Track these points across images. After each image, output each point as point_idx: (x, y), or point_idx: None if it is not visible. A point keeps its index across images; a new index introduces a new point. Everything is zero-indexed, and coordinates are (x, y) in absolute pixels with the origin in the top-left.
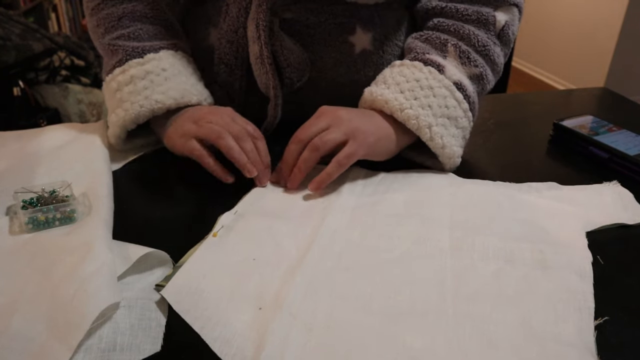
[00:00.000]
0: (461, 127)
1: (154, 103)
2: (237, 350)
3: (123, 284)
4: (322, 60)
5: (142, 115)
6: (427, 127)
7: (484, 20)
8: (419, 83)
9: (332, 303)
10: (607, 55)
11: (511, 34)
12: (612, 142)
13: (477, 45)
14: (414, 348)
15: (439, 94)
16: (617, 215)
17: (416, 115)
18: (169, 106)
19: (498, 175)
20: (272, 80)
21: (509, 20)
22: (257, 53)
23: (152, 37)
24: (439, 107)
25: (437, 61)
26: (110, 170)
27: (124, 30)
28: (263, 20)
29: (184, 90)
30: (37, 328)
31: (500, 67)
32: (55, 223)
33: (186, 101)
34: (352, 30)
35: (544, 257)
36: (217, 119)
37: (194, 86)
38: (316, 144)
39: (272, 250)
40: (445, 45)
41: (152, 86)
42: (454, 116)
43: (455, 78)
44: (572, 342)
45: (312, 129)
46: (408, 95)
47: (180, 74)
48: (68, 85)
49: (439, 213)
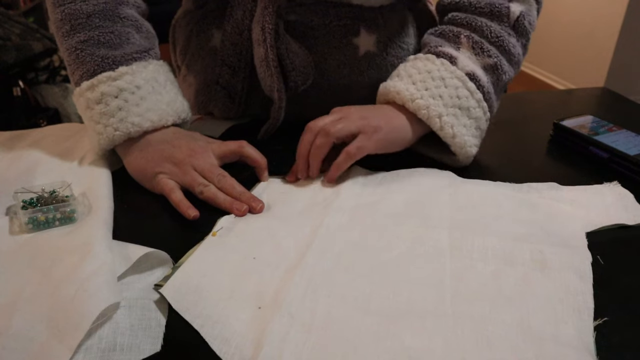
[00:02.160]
0: (474, 117)
1: (130, 126)
2: (236, 350)
3: (123, 284)
4: (326, 62)
5: (117, 139)
6: (437, 117)
7: (497, 12)
8: (431, 74)
9: (331, 303)
10: (607, 55)
11: (527, 24)
12: (612, 142)
13: (490, 36)
14: (412, 348)
15: (451, 85)
16: (617, 216)
17: (426, 105)
18: (146, 129)
19: (498, 175)
20: (277, 83)
21: (524, 11)
22: (262, 56)
23: (123, 42)
24: (450, 98)
25: (449, 53)
26: (110, 171)
27: (93, 33)
28: (269, 23)
29: (161, 112)
30: (37, 328)
31: (518, 58)
32: (55, 223)
33: (162, 124)
34: (356, 32)
35: (544, 258)
36: (199, 164)
37: (170, 105)
38: (327, 130)
39: (271, 250)
40: (459, 37)
41: (127, 106)
42: (466, 106)
43: (468, 69)
44: (571, 343)
45: (324, 120)
46: (419, 86)
47: (155, 91)
48: (68, 86)
49: (438, 213)
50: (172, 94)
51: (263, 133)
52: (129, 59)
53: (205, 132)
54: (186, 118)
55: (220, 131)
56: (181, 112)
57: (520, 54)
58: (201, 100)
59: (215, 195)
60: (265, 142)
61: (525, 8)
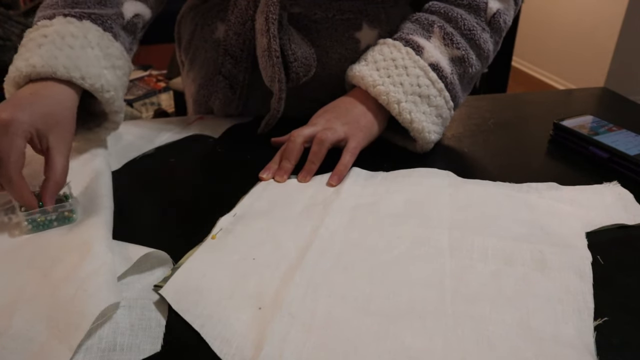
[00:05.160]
0: (434, 105)
1: (13, 69)
2: (237, 350)
3: (123, 284)
4: (328, 55)
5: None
6: (396, 103)
7: (475, 6)
8: (395, 62)
9: (331, 303)
10: (607, 55)
11: (502, 22)
12: (612, 142)
13: (462, 29)
14: (412, 348)
15: (412, 74)
16: (617, 216)
17: (387, 92)
18: (27, 74)
19: (498, 175)
20: (278, 74)
21: (501, 9)
22: (264, 46)
23: (69, 3)
24: (410, 86)
25: (417, 42)
26: (110, 170)
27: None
28: (273, 14)
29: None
30: (37, 328)
31: (488, 53)
32: (55, 223)
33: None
34: (358, 26)
35: (544, 258)
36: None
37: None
38: (321, 137)
39: (271, 251)
40: (432, 26)
41: (23, 51)
42: (426, 94)
43: (432, 59)
44: (571, 343)
45: (310, 129)
46: (382, 73)
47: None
48: None
49: (438, 213)
50: (86, 53)
51: (263, 126)
52: (58, 14)
53: (206, 131)
54: (99, 88)
55: (221, 130)
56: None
57: (490, 50)
58: (202, 95)
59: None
60: (265, 138)
61: (503, 7)
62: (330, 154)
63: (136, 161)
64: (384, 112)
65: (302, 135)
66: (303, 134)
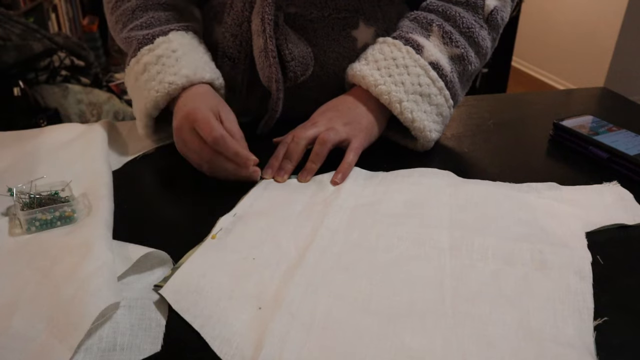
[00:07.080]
0: (435, 104)
1: (167, 86)
2: (237, 350)
3: (123, 284)
4: (325, 54)
5: (159, 100)
6: (397, 103)
7: (472, 4)
8: (395, 61)
9: (331, 303)
10: (607, 55)
11: (500, 19)
12: (612, 142)
13: (461, 27)
14: (412, 348)
15: (413, 73)
16: (617, 216)
17: (388, 91)
18: (182, 85)
19: (498, 175)
20: (275, 74)
21: (498, 6)
22: (261, 46)
23: (163, 22)
24: (411, 85)
25: (417, 41)
26: (110, 170)
27: (137, 22)
28: (268, 14)
29: (195, 67)
30: (37, 328)
31: (486, 50)
32: (56, 223)
33: (198, 78)
34: (355, 24)
35: (544, 258)
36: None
37: (207, 64)
38: (323, 138)
39: (271, 251)
40: (431, 25)
41: (164, 69)
42: (427, 93)
43: (432, 58)
44: (571, 343)
45: (313, 129)
46: (384, 72)
47: (192, 52)
48: (68, 86)
49: (438, 213)
50: (208, 57)
51: (262, 126)
52: (166, 31)
53: None
54: (222, 84)
55: None
56: (219, 76)
57: (488, 47)
58: None
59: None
60: (264, 138)
61: (500, 4)
62: (330, 153)
63: (136, 161)
64: (385, 113)
65: (305, 138)
66: (306, 135)
